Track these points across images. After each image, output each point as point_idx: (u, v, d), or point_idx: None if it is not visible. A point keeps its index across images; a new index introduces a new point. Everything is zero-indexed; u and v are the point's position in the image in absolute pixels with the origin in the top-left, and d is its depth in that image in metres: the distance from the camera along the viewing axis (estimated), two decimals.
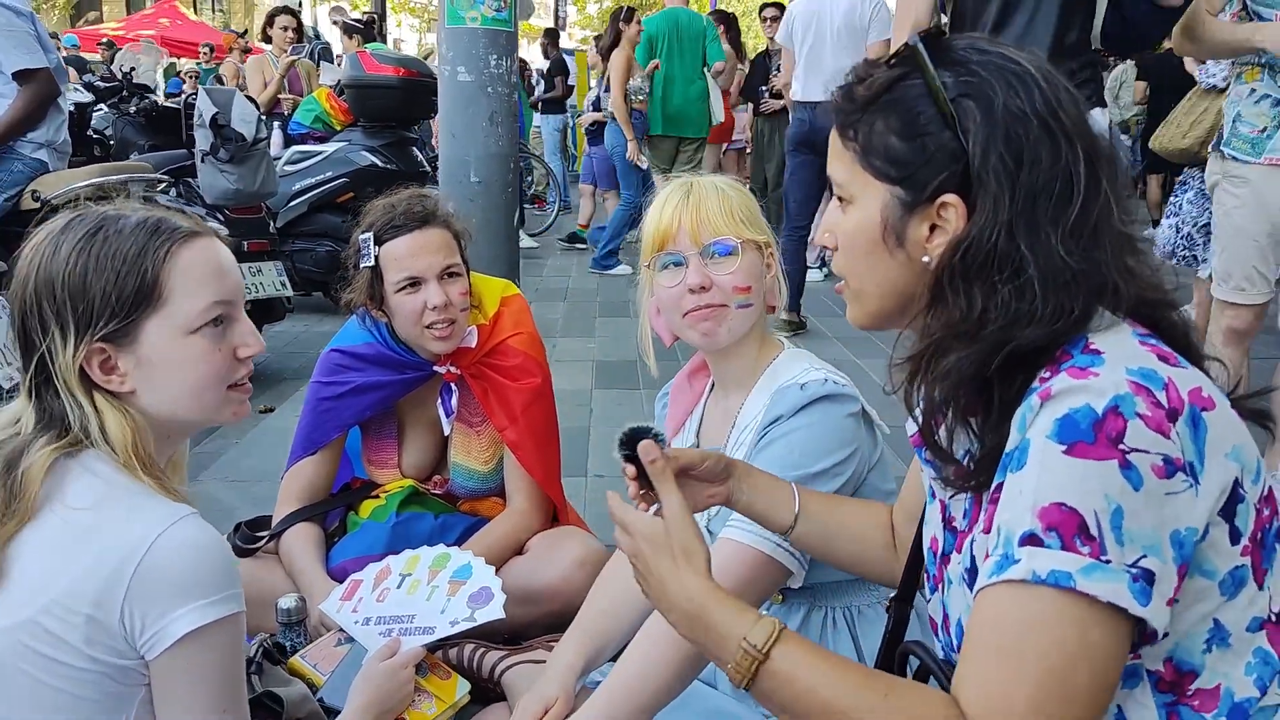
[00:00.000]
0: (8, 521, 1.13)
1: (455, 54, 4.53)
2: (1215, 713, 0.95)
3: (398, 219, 1.98)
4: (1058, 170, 0.95)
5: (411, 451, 2.21)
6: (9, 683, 1.10)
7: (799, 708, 0.98)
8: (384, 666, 1.57)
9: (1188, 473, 0.89)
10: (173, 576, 1.10)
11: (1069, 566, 0.86)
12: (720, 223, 1.61)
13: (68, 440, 1.17)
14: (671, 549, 1.08)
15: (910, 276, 1.05)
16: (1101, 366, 0.90)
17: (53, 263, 1.18)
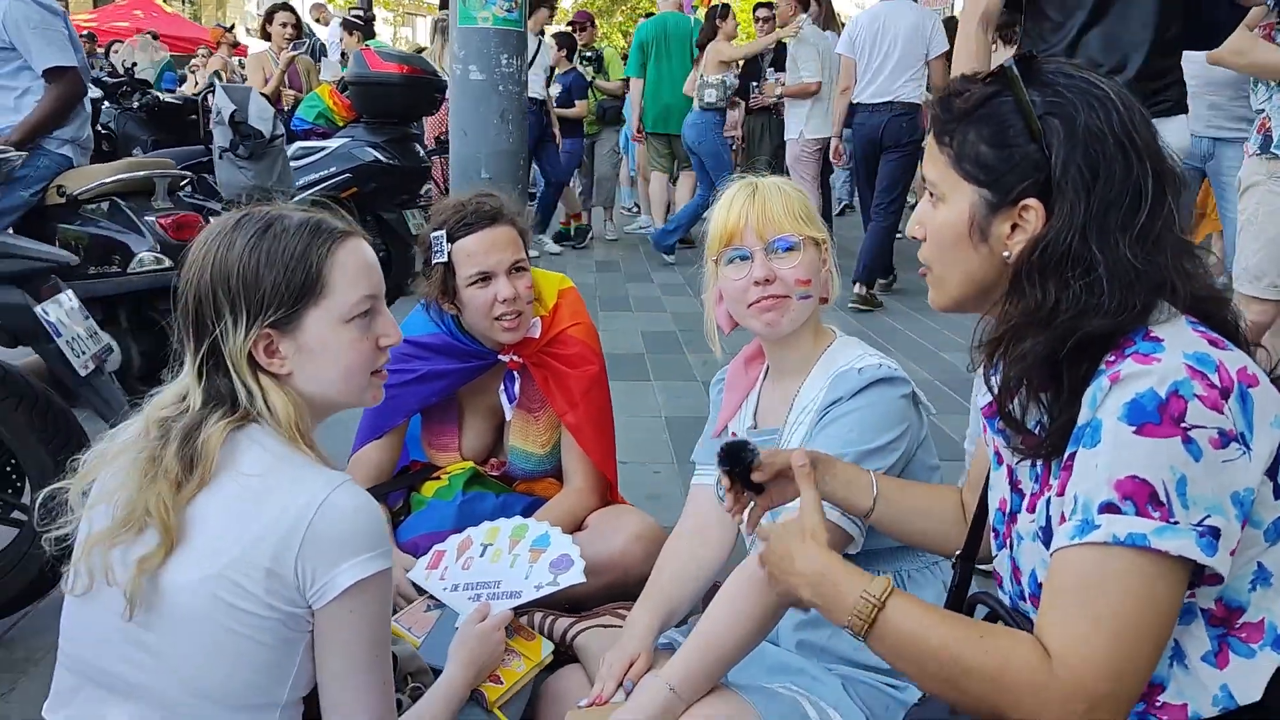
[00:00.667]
0: (188, 485, 1.26)
1: (467, 53, 4.65)
2: (1261, 643, 1.11)
3: (469, 217, 2.12)
4: (1129, 184, 1.11)
5: (471, 435, 2.35)
6: (201, 629, 1.24)
7: (910, 652, 1.15)
8: (478, 629, 1.71)
9: (1240, 441, 1.05)
10: (338, 535, 1.25)
11: (1144, 529, 1.03)
12: (783, 221, 1.76)
13: (238, 415, 1.31)
14: (802, 530, 1.28)
15: (990, 269, 1.21)
16: (1162, 353, 1.06)
17: (228, 256, 1.31)
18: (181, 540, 1.26)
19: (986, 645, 1.11)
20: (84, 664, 1.31)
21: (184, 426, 1.30)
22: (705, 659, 1.57)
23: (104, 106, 6.25)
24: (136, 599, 1.24)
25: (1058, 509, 1.13)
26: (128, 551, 1.26)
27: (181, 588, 1.24)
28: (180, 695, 1.25)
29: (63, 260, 2.67)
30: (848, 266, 7.66)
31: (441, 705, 1.55)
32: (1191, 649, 1.13)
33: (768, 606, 1.58)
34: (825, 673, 1.70)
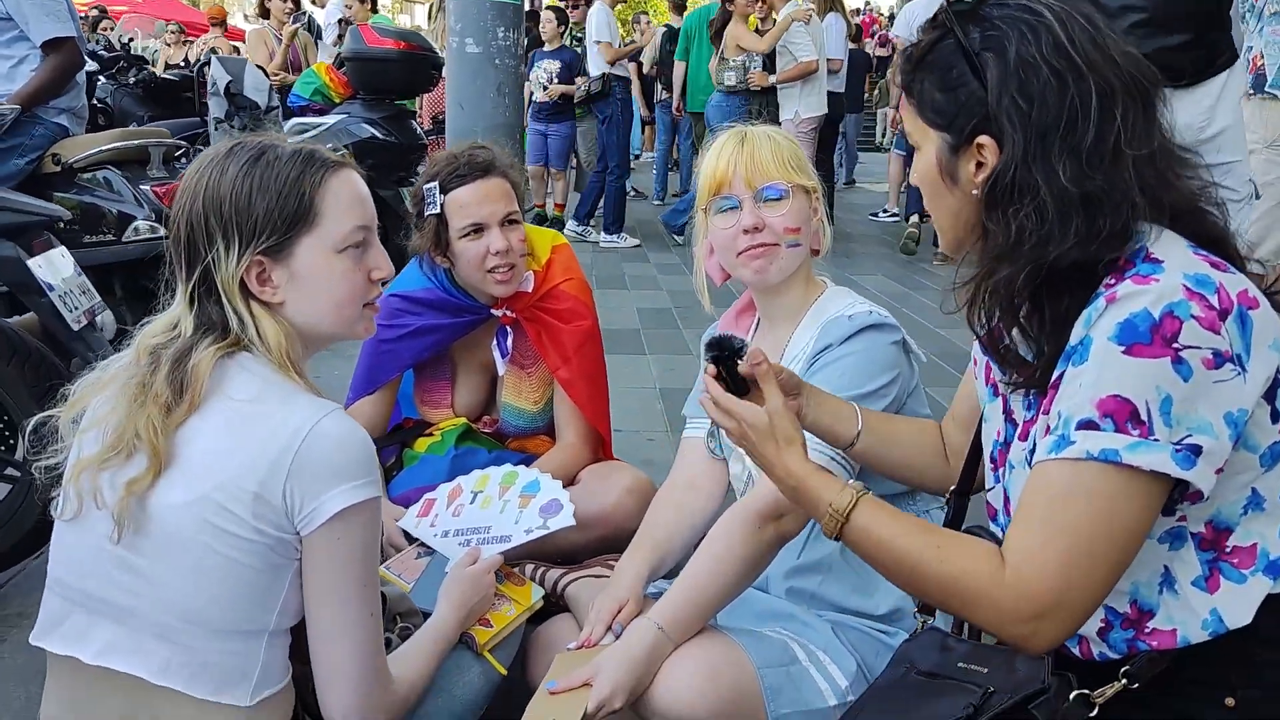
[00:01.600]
0: (178, 410, 1.26)
1: (464, 26, 4.64)
2: (1253, 569, 1.12)
3: (462, 169, 2.11)
4: (1065, 106, 1.10)
5: (464, 392, 2.35)
6: (188, 551, 1.24)
7: (879, 557, 1.22)
8: (468, 572, 1.71)
9: (1235, 363, 1.04)
10: (327, 461, 1.25)
11: (1117, 445, 1.03)
12: (772, 168, 1.75)
13: (229, 342, 1.31)
14: (775, 437, 1.30)
15: (969, 208, 1.22)
16: (1161, 274, 1.06)
17: (220, 183, 1.31)
18: (170, 463, 1.26)
19: (943, 555, 1.15)
20: (72, 589, 1.31)
21: (174, 352, 1.30)
22: (693, 600, 1.58)
23: (100, 81, 6.23)
24: (124, 521, 1.24)
25: (1044, 425, 1.13)
26: (117, 475, 1.26)
27: (169, 510, 1.25)
28: (166, 618, 1.25)
29: (54, 214, 2.67)
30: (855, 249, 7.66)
31: (431, 644, 1.56)
32: (1182, 574, 1.13)
33: (755, 549, 1.59)
34: (815, 618, 1.71)
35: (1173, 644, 1.13)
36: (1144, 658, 1.15)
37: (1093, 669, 1.18)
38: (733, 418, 1.33)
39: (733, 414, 1.33)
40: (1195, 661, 1.14)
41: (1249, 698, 1.13)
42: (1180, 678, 1.15)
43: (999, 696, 1.16)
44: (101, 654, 1.28)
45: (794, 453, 1.29)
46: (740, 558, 1.58)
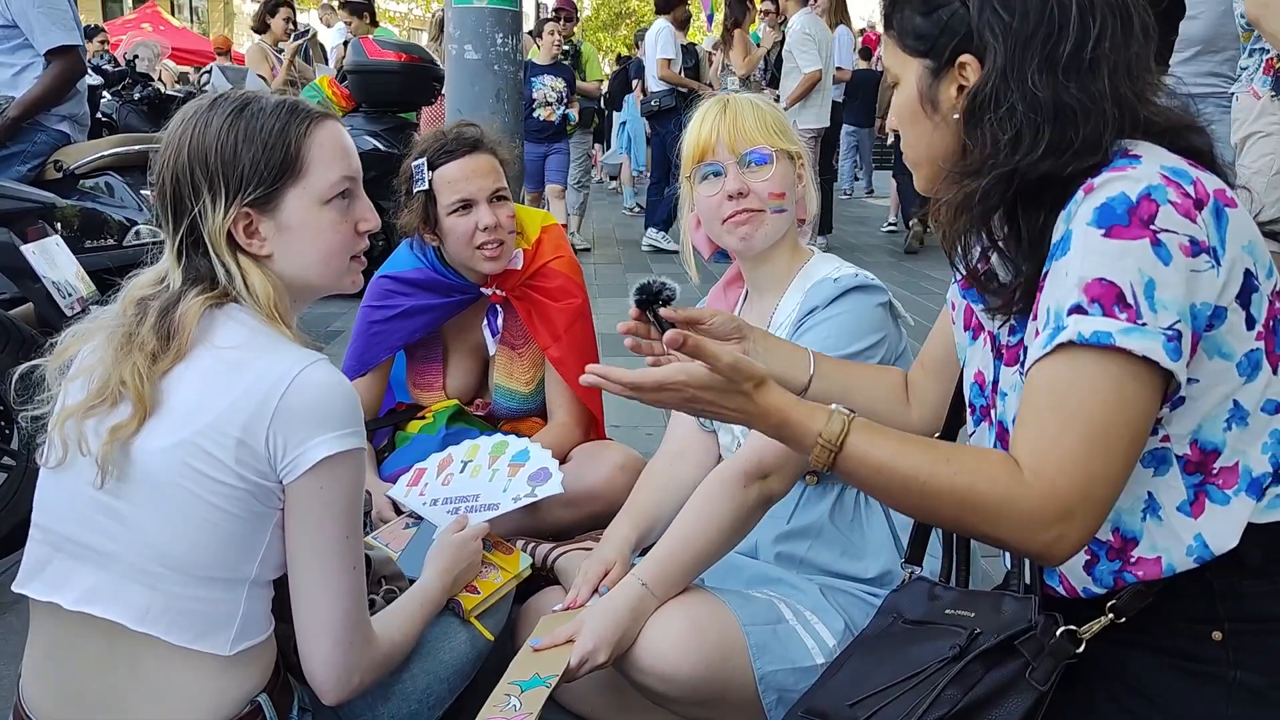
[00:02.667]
0: (164, 358, 1.27)
1: (463, 33, 4.67)
2: (1236, 488, 1.10)
3: (450, 144, 2.13)
4: (1044, 16, 1.10)
5: (455, 375, 2.35)
6: (170, 496, 1.24)
7: (882, 481, 1.12)
8: (455, 538, 1.71)
9: (1210, 255, 1.04)
10: (311, 409, 1.25)
11: (1109, 328, 1.01)
12: (756, 134, 1.75)
13: (217, 293, 1.31)
14: (739, 386, 1.17)
15: (950, 137, 1.21)
16: (1139, 164, 1.06)
17: (205, 135, 1.31)
18: (154, 410, 1.26)
19: (954, 467, 1.07)
20: (55, 535, 1.31)
21: (162, 303, 1.30)
22: (678, 557, 1.57)
23: (104, 97, 6.29)
24: (108, 466, 1.24)
25: (1033, 329, 1.11)
26: (101, 422, 1.26)
27: (152, 454, 1.24)
28: (148, 563, 1.25)
29: (47, 202, 2.69)
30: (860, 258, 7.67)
31: (416, 606, 1.55)
32: (1167, 499, 1.11)
33: (740, 508, 1.58)
34: (805, 581, 1.70)
35: (1158, 573, 1.12)
36: (1129, 591, 1.13)
37: (1079, 607, 1.16)
38: (669, 389, 1.18)
39: (667, 385, 1.17)
40: (1182, 595, 1.13)
41: (1236, 630, 1.11)
42: (1167, 613, 1.14)
43: (985, 637, 1.15)
44: (81, 600, 1.27)
45: (765, 390, 1.17)
46: (724, 515, 1.57)
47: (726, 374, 1.16)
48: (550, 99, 7.68)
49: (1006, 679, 1.10)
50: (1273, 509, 1.11)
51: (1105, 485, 1.03)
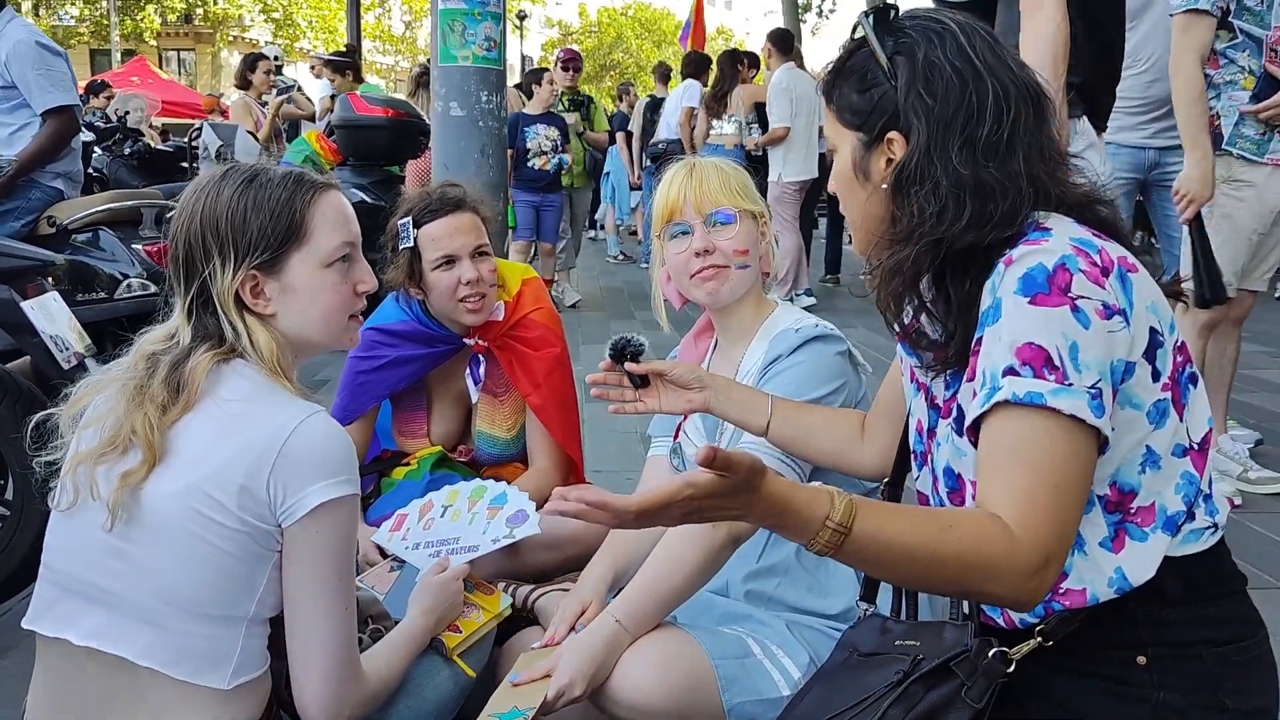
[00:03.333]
0: (173, 409, 1.37)
1: (448, 90, 4.81)
2: (1153, 526, 1.21)
3: (434, 204, 2.25)
4: (964, 103, 1.22)
5: (439, 422, 2.44)
6: (175, 538, 1.33)
7: (886, 559, 1.11)
8: (437, 579, 1.79)
9: (1121, 316, 1.15)
10: (310, 457, 1.34)
11: (1041, 389, 1.11)
12: (720, 195, 1.87)
13: (224, 349, 1.41)
14: (738, 483, 1.07)
15: (879, 204, 1.33)
16: (1050, 237, 1.17)
17: (217, 203, 1.42)
18: (163, 457, 1.35)
19: (956, 534, 1.09)
20: (64, 575, 1.39)
21: (172, 358, 1.40)
22: (651, 595, 1.65)
23: (96, 152, 6.41)
24: (118, 510, 1.33)
25: (970, 390, 1.21)
26: (112, 468, 1.35)
27: (160, 498, 1.33)
28: (152, 602, 1.33)
29: (47, 260, 2.78)
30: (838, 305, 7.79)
31: (401, 645, 1.62)
32: (1091, 536, 1.21)
33: (709, 548, 1.67)
34: (772, 617, 1.78)
35: (1083, 602, 1.21)
36: (1056, 617, 1.22)
37: (1014, 635, 1.25)
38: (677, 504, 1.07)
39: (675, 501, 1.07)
40: (1108, 623, 1.22)
41: (1159, 655, 1.21)
42: (1096, 640, 1.23)
43: (927, 661, 1.24)
44: (89, 636, 1.36)
45: (767, 481, 1.08)
46: (695, 555, 1.66)
47: (746, 475, 1.06)
48: (545, 148, 7.63)
49: (944, 698, 1.19)
50: (1187, 543, 1.22)
51: (1072, 530, 1.13)
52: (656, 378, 1.57)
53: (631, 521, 1.10)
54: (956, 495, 1.31)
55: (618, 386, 1.55)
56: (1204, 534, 1.23)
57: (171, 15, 30.53)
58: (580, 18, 51.71)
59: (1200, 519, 1.23)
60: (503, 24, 4.94)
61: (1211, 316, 3.32)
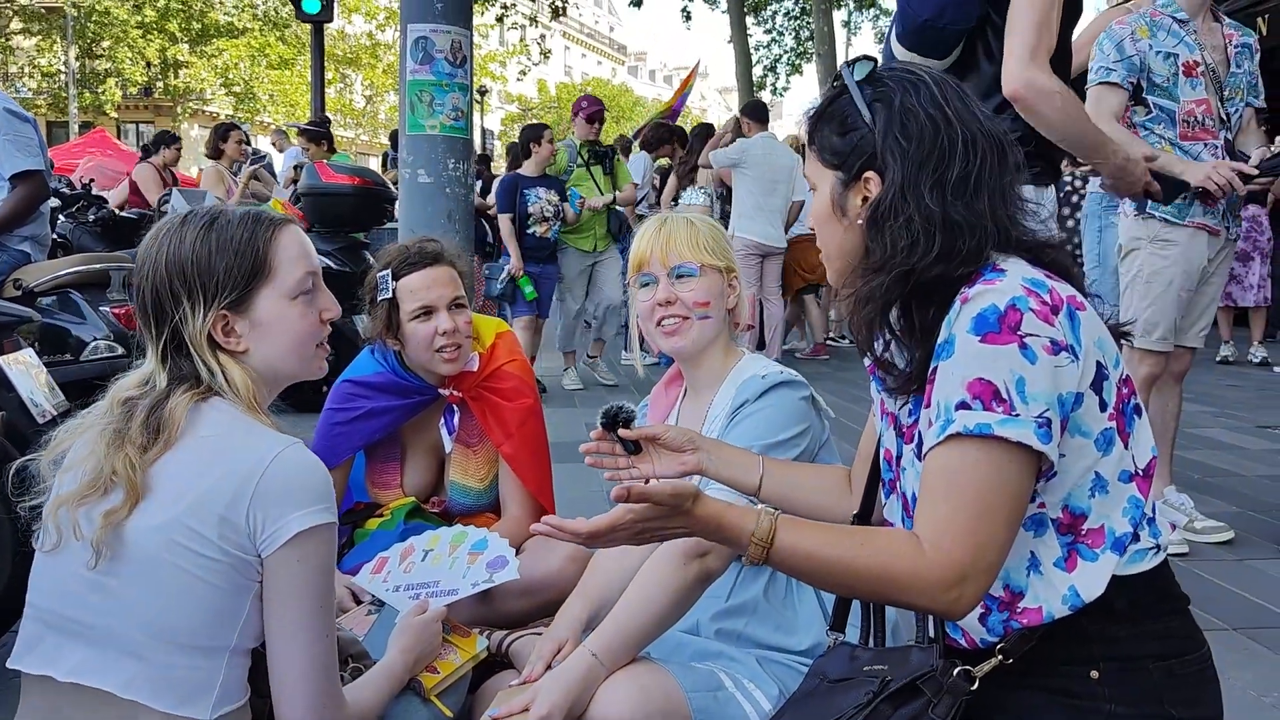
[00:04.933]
0: (153, 448, 1.40)
1: (415, 158, 4.93)
2: (1103, 547, 1.30)
3: (412, 257, 2.33)
4: (937, 146, 1.33)
5: (412, 473, 2.49)
6: (158, 571, 1.36)
7: (810, 567, 1.29)
8: (417, 620, 1.82)
9: (1069, 351, 1.25)
10: (288, 487, 1.38)
11: (989, 420, 1.21)
12: (685, 249, 1.98)
13: (201, 389, 1.45)
14: (681, 506, 1.30)
15: (854, 239, 1.42)
16: (1004, 278, 1.28)
17: (181, 249, 1.46)
18: (145, 495, 1.38)
19: (869, 550, 1.25)
20: (49, 613, 1.41)
21: (150, 402, 1.44)
22: (626, 630, 1.70)
23: (60, 219, 6.42)
24: (102, 549, 1.36)
25: (926, 418, 1.30)
26: (93, 509, 1.38)
27: (143, 533, 1.36)
28: (136, 635, 1.35)
29: (23, 316, 2.81)
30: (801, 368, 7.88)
31: (381, 681, 1.66)
32: (1045, 556, 1.30)
33: (682, 583, 1.72)
34: (743, 654, 1.84)
35: (1040, 620, 1.29)
36: (1015, 635, 1.30)
37: (978, 656, 1.33)
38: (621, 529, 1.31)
39: (619, 525, 1.30)
40: (1062, 640, 1.30)
41: (1109, 669, 1.29)
42: (1051, 656, 1.31)
43: (895, 681, 1.31)
44: (73, 671, 1.37)
45: (701, 503, 1.31)
46: (667, 591, 1.71)
47: (670, 502, 1.29)
48: (547, 213, 7.00)
49: (912, 715, 1.26)
50: (1133, 563, 1.31)
51: (991, 551, 1.22)
52: (649, 443, 1.64)
53: (584, 541, 1.34)
54: None
55: (610, 455, 1.63)
56: (1148, 554, 1.32)
57: (132, 88, 30.65)
58: (540, 93, 52.60)
59: (1145, 540, 1.32)
60: (469, 95, 5.09)
61: (1150, 371, 3.47)
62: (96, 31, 28.53)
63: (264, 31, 29.46)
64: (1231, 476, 4.63)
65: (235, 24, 29.24)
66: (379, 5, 31.25)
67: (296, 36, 28.39)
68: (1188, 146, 3.42)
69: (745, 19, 18.93)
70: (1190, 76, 3.39)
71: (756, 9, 23.19)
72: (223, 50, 29.18)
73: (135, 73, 29.51)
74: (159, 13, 28.35)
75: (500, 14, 20.91)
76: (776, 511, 1.31)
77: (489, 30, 25.00)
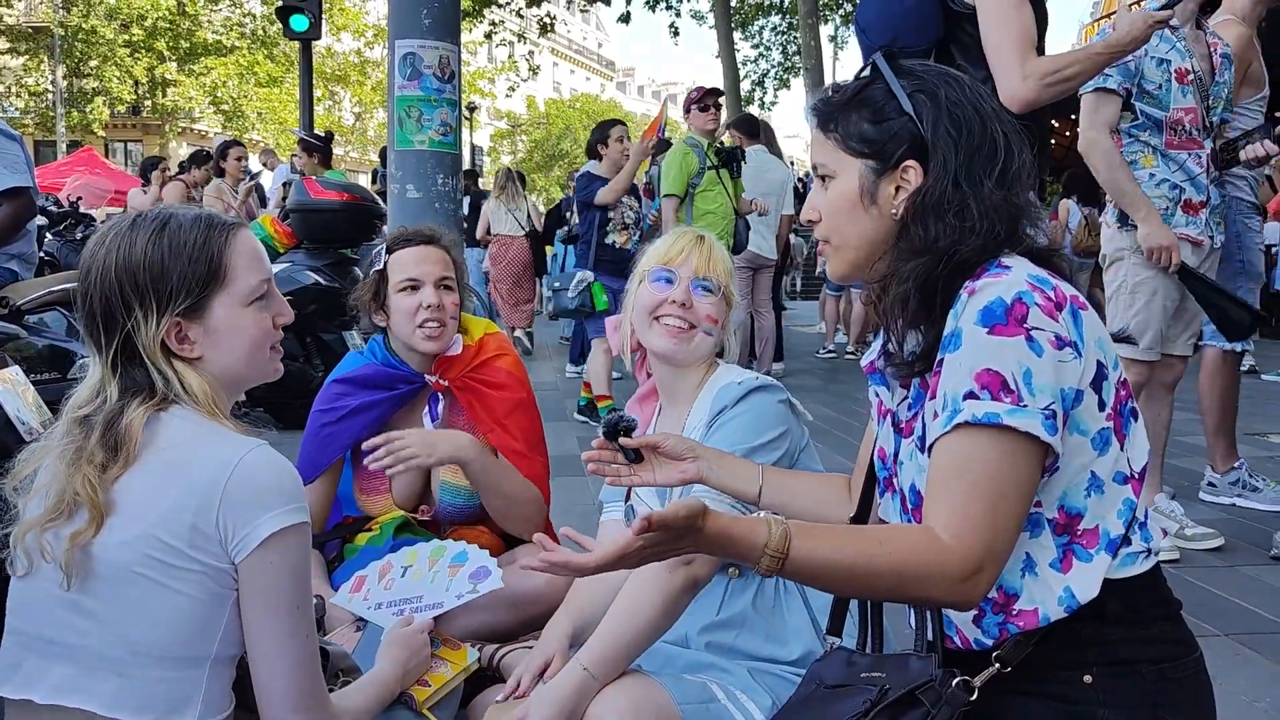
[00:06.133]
0: (114, 466, 1.37)
1: (404, 173, 4.94)
2: (1097, 548, 1.30)
3: (408, 234, 2.41)
4: (986, 138, 1.37)
5: (401, 477, 2.45)
6: (133, 586, 1.34)
7: (828, 574, 1.24)
8: (403, 632, 1.81)
9: (1073, 348, 1.26)
10: (255, 490, 1.36)
11: (998, 410, 1.22)
12: (716, 267, 2.01)
13: (156, 400, 1.41)
14: (684, 526, 1.21)
15: (880, 228, 1.43)
16: (1008, 273, 1.29)
17: (131, 253, 1.41)
18: (110, 512, 1.35)
19: (889, 548, 1.22)
20: (28, 636, 1.39)
21: (105, 417, 1.39)
22: (616, 641, 1.70)
23: (47, 237, 6.40)
24: (72, 570, 1.33)
25: (931, 410, 1.31)
26: (59, 532, 1.35)
27: (113, 550, 1.34)
28: (116, 652, 1.34)
29: (10, 334, 2.79)
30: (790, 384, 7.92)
31: (371, 689, 1.64)
32: (1041, 558, 1.30)
33: (669, 592, 1.72)
34: (734, 665, 1.83)
35: (1036, 623, 1.29)
36: (1011, 641, 1.30)
37: (972, 659, 1.32)
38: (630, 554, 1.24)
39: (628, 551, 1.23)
40: (1056, 645, 1.30)
41: (1102, 674, 1.29)
42: (1045, 661, 1.30)
43: (894, 691, 1.31)
44: (52, 693, 1.35)
45: (709, 519, 1.23)
46: (655, 599, 1.71)
47: (684, 525, 1.20)
48: (628, 219, 6.23)
49: None
50: (1124, 566, 1.31)
51: (1004, 538, 1.22)
52: (650, 451, 1.65)
53: (593, 573, 1.27)
54: (920, 512, 1.38)
55: (612, 463, 1.65)
56: (1139, 558, 1.32)
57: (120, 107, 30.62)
58: (529, 109, 52.71)
59: (1136, 544, 1.33)
60: (458, 110, 5.10)
61: (1135, 381, 3.49)
62: (84, 50, 28.51)
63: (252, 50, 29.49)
64: None
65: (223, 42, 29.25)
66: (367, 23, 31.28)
67: (285, 54, 28.41)
68: (1173, 154, 3.45)
69: (733, 34, 19.02)
70: (1181, 84, 3.43)
71: (744, 24, 23.36)
72: (211, 69, 29.16)
73: (123, 91, 29.48)
74: (146, 31, 28.35)
75: (489, 31, 20.99)
76: (783, 519, 1.26)
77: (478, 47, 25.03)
